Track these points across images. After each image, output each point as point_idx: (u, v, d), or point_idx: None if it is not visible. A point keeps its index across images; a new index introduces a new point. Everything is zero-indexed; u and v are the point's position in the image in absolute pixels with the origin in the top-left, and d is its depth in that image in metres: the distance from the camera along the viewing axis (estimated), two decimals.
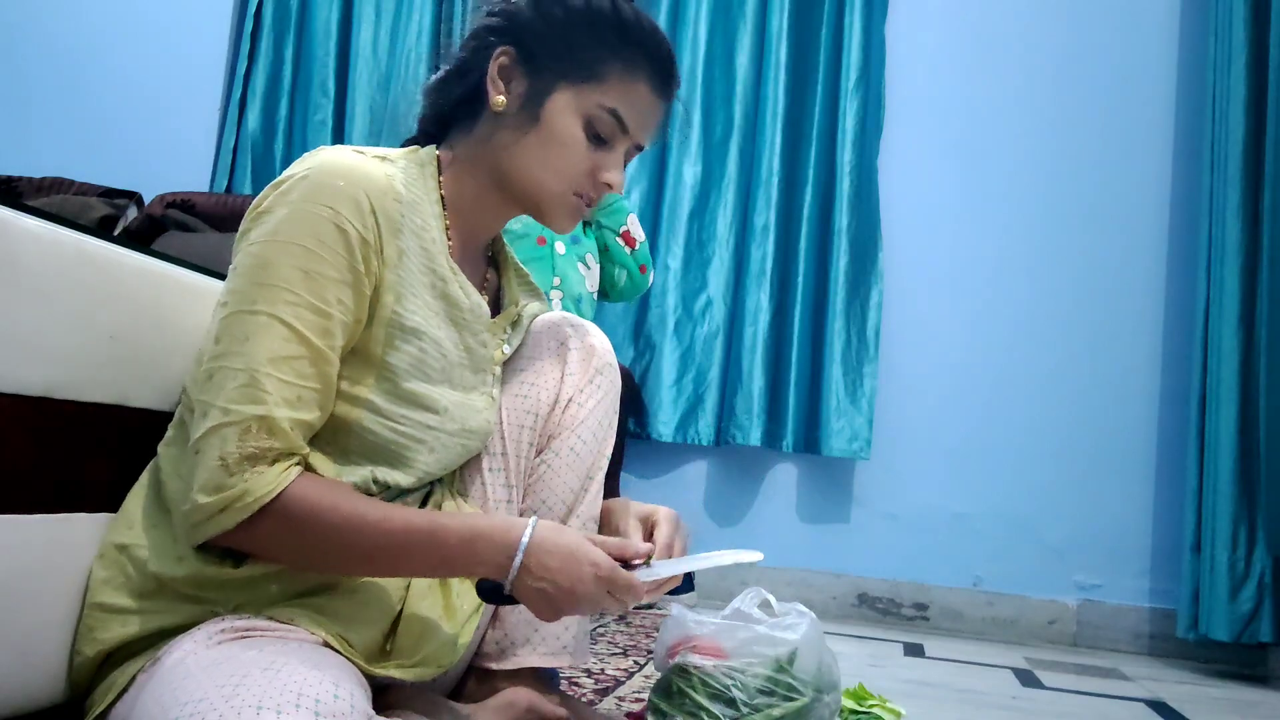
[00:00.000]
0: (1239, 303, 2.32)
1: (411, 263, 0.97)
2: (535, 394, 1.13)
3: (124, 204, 2.47)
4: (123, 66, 3.28)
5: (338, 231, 0.90)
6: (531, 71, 1.03)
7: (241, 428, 0.84)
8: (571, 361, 1.15)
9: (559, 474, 1.13)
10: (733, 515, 2.82)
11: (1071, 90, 2.73)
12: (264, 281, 0.88)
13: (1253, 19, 2.40)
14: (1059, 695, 1.87)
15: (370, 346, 0.94)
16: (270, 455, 0.85)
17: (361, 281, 0.92)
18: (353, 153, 0.95)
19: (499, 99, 1.02)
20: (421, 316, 0.98)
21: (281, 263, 0.88)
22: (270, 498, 0.84)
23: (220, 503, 0.84)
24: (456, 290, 1.02)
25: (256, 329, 0.87)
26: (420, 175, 1.01)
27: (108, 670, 0.90)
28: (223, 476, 0.84)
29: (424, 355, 0.98)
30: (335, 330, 0.90)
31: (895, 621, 2.65)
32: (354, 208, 0.91)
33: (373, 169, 0.94)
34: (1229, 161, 2.37)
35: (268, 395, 0.85)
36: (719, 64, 2.89)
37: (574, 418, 1.14)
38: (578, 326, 1.19)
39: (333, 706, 0.72)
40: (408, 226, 0.96)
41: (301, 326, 0.88)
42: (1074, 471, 2.62)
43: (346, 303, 0.91)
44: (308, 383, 0.88)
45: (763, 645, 1.11)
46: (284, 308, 0.87)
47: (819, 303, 2.75)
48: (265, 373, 0.86)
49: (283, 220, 0.90)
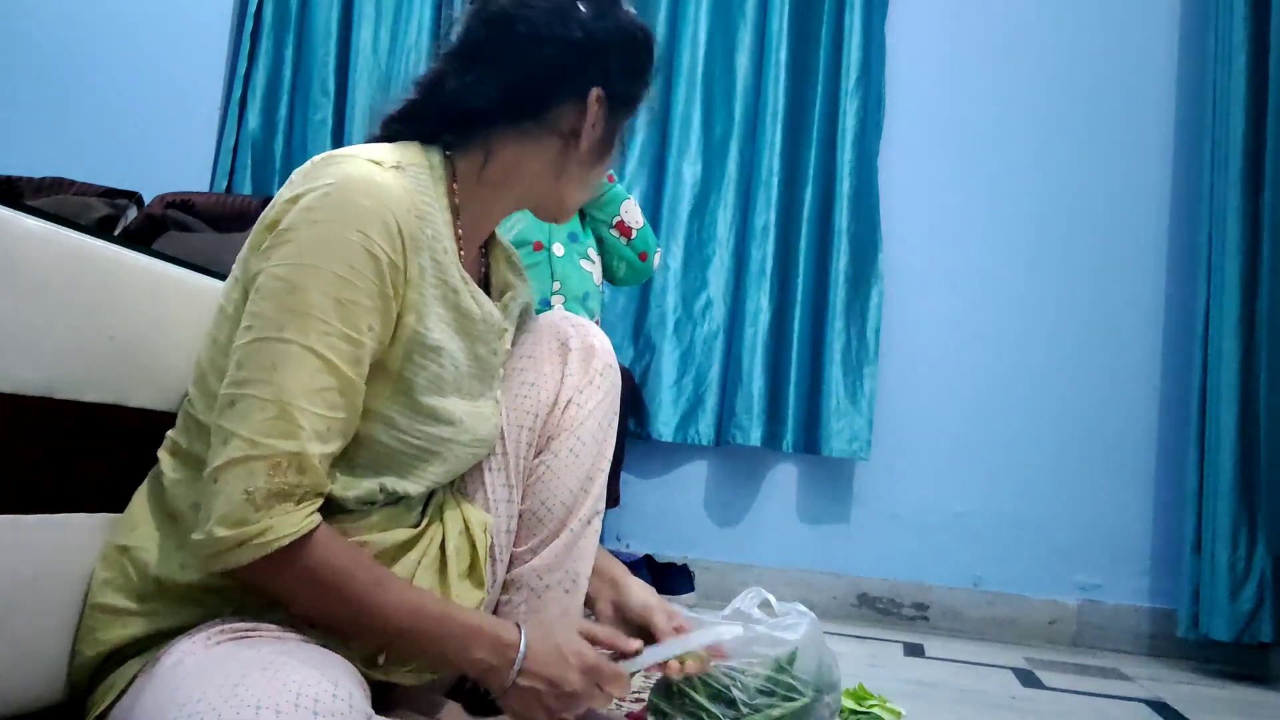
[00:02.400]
0: (1239, 303, 2.31)
1: (429, 277, 0.95)
2: (535, 394, 1.13)
3: (124, 204, 2.47)
4: (123, 66, 3.28)
5: (369, 257, 0.87)
6: (611, 110, 1.04)
7: (271, 463, 0.82)
8: (572, 362, 1.15)
9: (559, 475, 1.12)
10: (733, 515, 2.81)
11: (1072, 90, 2.73)
12: (294, 309, 0.85)
13: (1253, 17, 2.40)
14: (1059, 695, 1.87)
15: (388, 362, 0.93)
16: (298, 493, 0.83)
17: (390, 306, 0.90)
18: (370, 164, 0.91)
19: (586, 144, 1.03)
20: (440, 334, 0.96)
21: (312, 289, 0.85)
22: (290, 540, 0.82)
23: (239, 537, 0.81)
24: (469, 301, 1.00)
25: (287, 359, 0.84)
26: (431, 183, 0.97)
27: (108, 671, 0.90)
28: (247, 511, 0.81)
29: (441, 370, 0.97)
30: (365, 358, 0.89)
31: (895, 621, 2.65)
32: (383, 231, 0.88)
33: (395, 185, 0.91)
34: (1229, 161, 2.37)
35: (301, 430, 0.83)
36: (719, 64, 2.89)
37: (574, 419, 1.13)
38: (578, 326, 1.18)
39: (332, 706, 0.72)
40: (424, 241, 0.94)
41: (334, 357, 0.85)
42: (1074, 471, 2.62)
43: (376, 329, 0.89)
44: (336, 413, 0.87)
45: (763, 645, 1.11)
46: (316, 338, 0.85)
47: (819, 303, 2.75)
48: (299, 406, 0.83)
49: (310, 243, 0.87)
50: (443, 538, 1.04)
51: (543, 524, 1.12)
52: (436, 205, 0.97)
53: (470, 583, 1.05)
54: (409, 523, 1.02)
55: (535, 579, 1.11)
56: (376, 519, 0.98)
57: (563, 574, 1.12)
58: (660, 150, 2.90)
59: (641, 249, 1.98)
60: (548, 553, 1.12)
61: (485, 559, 1.07)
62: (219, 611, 0.89)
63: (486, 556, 1.08)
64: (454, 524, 1.06)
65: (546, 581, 1.11)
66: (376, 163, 0.92)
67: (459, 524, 1.06)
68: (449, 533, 1.05)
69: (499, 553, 1.11)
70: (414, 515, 1.03)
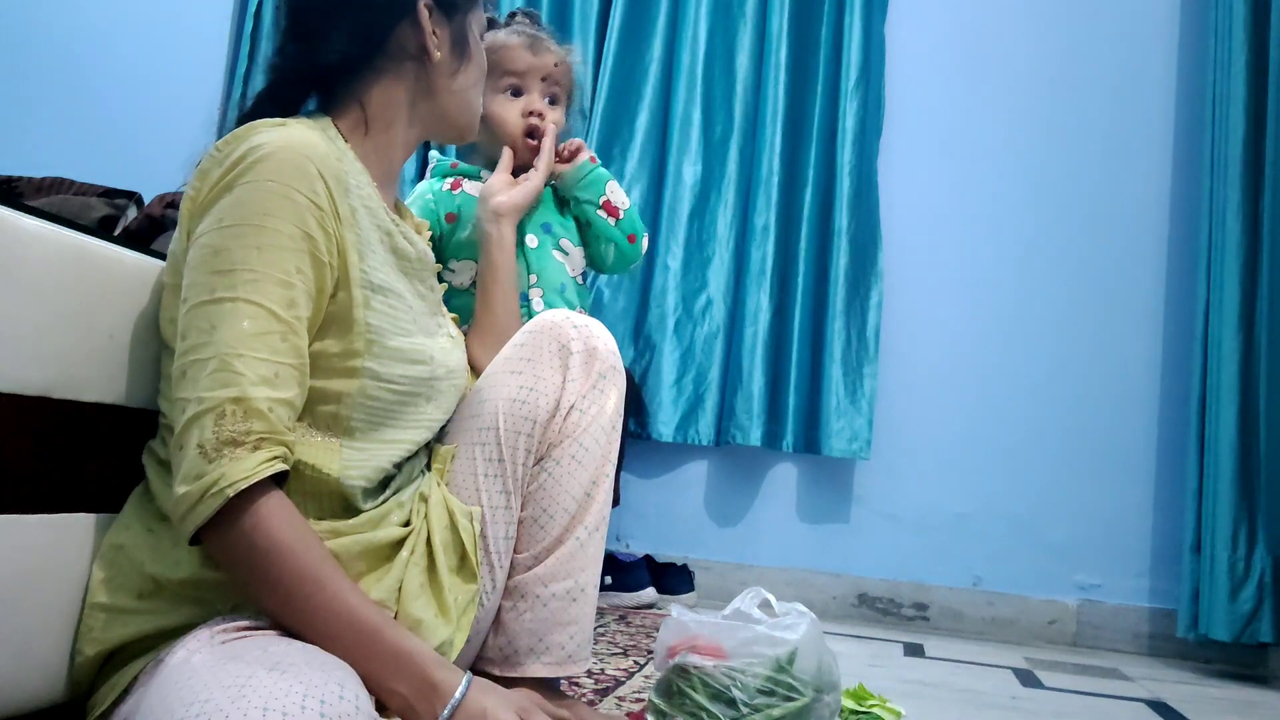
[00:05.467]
0: (1239, 303, 2.31)
1: (364, 220, 0.98)
2: (534, 400, 1.10)
3: (124, 204, 2.47)
4: (123, 66, 3.28)
5: (286, 202, 0.88)
6: (444, 12, 1.08)
7: (216, 413, 0.83)
8: (574, 366, 1.12)
9: (560, 483, 1.11)
10: (733, 515, 2.82)
11: (1072, 91, 2.73)
12: (219, 269, 0.87)
13: (1253, 20, 2.40)
14: (1059, 695, 1.87)
15: (352, 310, 0.94)
16: (250, 439, 0.83)
17: (318, 247, 0.90)
18: (278, 126, 0.93)
19: (437, 54, 1.06)
20: (385, 274, 0.99)
21: (233, 246, 0.87)
22: (246, 485, 0.81)
23: (198, 491, 0.81)
24: (402, 242, 1.05)
25: (221, 316, 0.85)
26: (334, 140, 1.02)
27: (109, 670, 0.90)
28: (201, 464, 0.82)
29: (395, 310, 0.99)
30: (300, 300, 0.89)
31: (895, 621, 2.65)
32: (298, 174, 0.90)
33: (310, 134, 0.94)
34: (1229, 162, 2.37)
35: (241, 376, 0.84)
36: (719, 64, 2.89)
37: (575, 425, 1.11)
38: (581, 328, 1.15)
39: (338, 707, 0.72)
40: (351, 186, 0.97)
41: (266, 301, 0.86)
42: (1074, 471, 2.62)
43: (306, 271, 0.89)
44: (282, 358, 0.87)
45: (763, 645, 1.11)
46: (245, 288, 0.86)
47: (819, 303, 2.75)
48: (236, 354, 0.84)
49: (228, 206, 0.89)
50: (428, 533, 1.04)
51: (545, 531, 1.11)
52: (348, 157, 1.01)
53: (461, 577, 1.05)
54: (399, 520, 1.02)
55: (540, 587, 1.10)
56: (370, 517, 0.98)
57: (570, 584, 1.11)
58: (660, 150, 2.90)
59: (630, 231, 1.93)
60: (551, 561, 1.10)
61: (474, 549, 1.06)
62: (217, 609, 0.89)
63: (475, 546, 1.07)
64: (439, 519, 1.05)
65: (552, 590, 1.10)
66: (282, 124, 0.94)
67: (445, 519, 1.06)
68: (434, 527, 1.04)
69: (497, 558, 1.09)
70: (404, 512, 1.03)
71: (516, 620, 1.10)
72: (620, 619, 2.22)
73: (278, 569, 0.83)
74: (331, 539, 0.93)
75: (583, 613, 1.12)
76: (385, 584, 0.98)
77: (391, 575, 0.98)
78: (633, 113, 2.88)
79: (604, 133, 2.85)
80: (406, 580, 1.00)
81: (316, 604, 0.84)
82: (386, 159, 1.07)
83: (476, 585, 1.06)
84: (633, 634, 2.03)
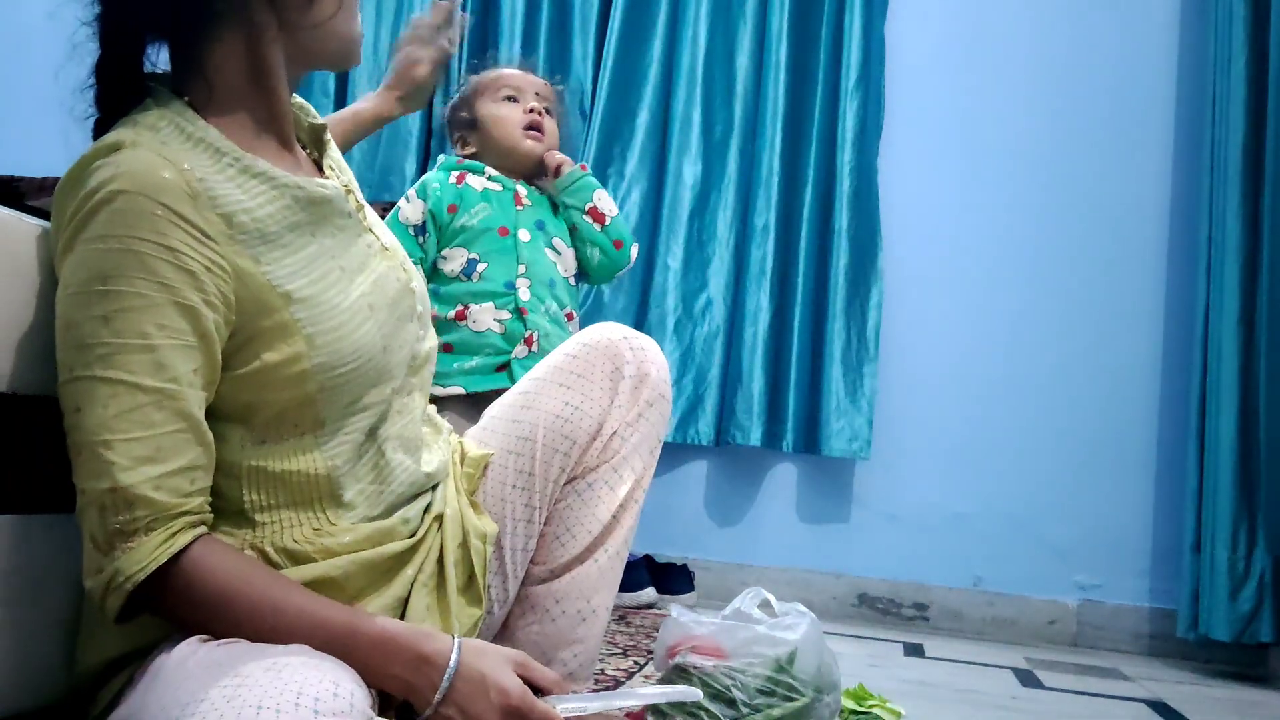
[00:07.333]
0: (1239, 303, 2.31)
1: (252, 205, 0.87)
2: (577, 419, 1.08)
3: None
4: None
5: (126, 257, 0.79)
6: None
7: (97, 506, 0.79)
8: (622, 391, 1.11)
9: (589, 505, 1.09)
10: (733, 515, 2.82)
11: (1071, 90, 2.73)
12: (71, 344, 0.80)
13: (1253, 19, 2.40)
14: (1059, 695, 1.87)
15: (275, 315, 0.86)
16: (137, 527, 0.79)
17: (180, 293, 0.81)
18: (116, 149, 0.82)
19: None
20: (294, 248, 0.89)
21: (80, 318, 0.79)
22: (146, 575, 0.79)
23: (100, 585, 0.80)
24: (312, 189, 0.92)
25: (81, 397, 0.79)
26: (188, 129, 0.87)
27: (109, 670, 0.90)
28: (98, 558, 0.79)
29: (323, 279, 0.90)
30: (170, 360, 0.80)
31: (895, 622, 2.65)
32: (138, 218, 0.79)
33: (150, 153, 0.82)
34: (1229, 162, 2.37)
35: (111, 465, 0.78)
36: (719, 64, 2.89)
37: (614, 452, 1.10)
38: (638, 350, 1.13)
39: (332, 705, 0.72)
40: (219, 182, 0.85)
41: (126, 375, 0.79)
42: (1074, 471, 2.62)
43: (171, 324, 0.80)
44: (159, 429, 0.80)
45: (763, 645, 1.11)
46: (99, 364, 0.79)
47: (819, 303, 2.75)
48: (101, 440, 0.78)
49: (71, 269, 0.81)
50: (441, 551, 1.01)
51: (565, 549, 1.10)
52: (208, 140, 0.88)
53: (466, 599, 1.03)
54: (404, 534, 0.99)
55: (551, 602, 1.09)
56: (369, 534, 0.95)
57: (583, 604, 1.09)
58: (660, 150, 2.90)
59: (616, 237, 1.97)
60: (569, 578, 1.09)
61: (483, 572, 1.04)
62: None
63: (484, 570, 1.04)
64: (454, 536, 1.03)
65: (563, 607, 1.09)
66: (115, 147, 0.82)
67: (458, 536, 1.04)
68: (448, 546, 1.02)
69: (512, 569, 1.08)
70: (410, 525, 1.00)
71: (524, 630, 1.09)
72: (620, 619, 2.22)
73: (228, 612, 0.82)
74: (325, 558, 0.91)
75: (590, 633, 1.11)
76: (384, 601, 0.95)
77: (391, 592, 0.96)
78: (633, 113, 2.88)
79: (604, 133, 2.85)
80: (414, 600, 0.97)
81: (280, 627, 0.82)
82: (265, 109, 0.94)
83: (480, 611, 1.03)
84: (632, 634, 2.03)
